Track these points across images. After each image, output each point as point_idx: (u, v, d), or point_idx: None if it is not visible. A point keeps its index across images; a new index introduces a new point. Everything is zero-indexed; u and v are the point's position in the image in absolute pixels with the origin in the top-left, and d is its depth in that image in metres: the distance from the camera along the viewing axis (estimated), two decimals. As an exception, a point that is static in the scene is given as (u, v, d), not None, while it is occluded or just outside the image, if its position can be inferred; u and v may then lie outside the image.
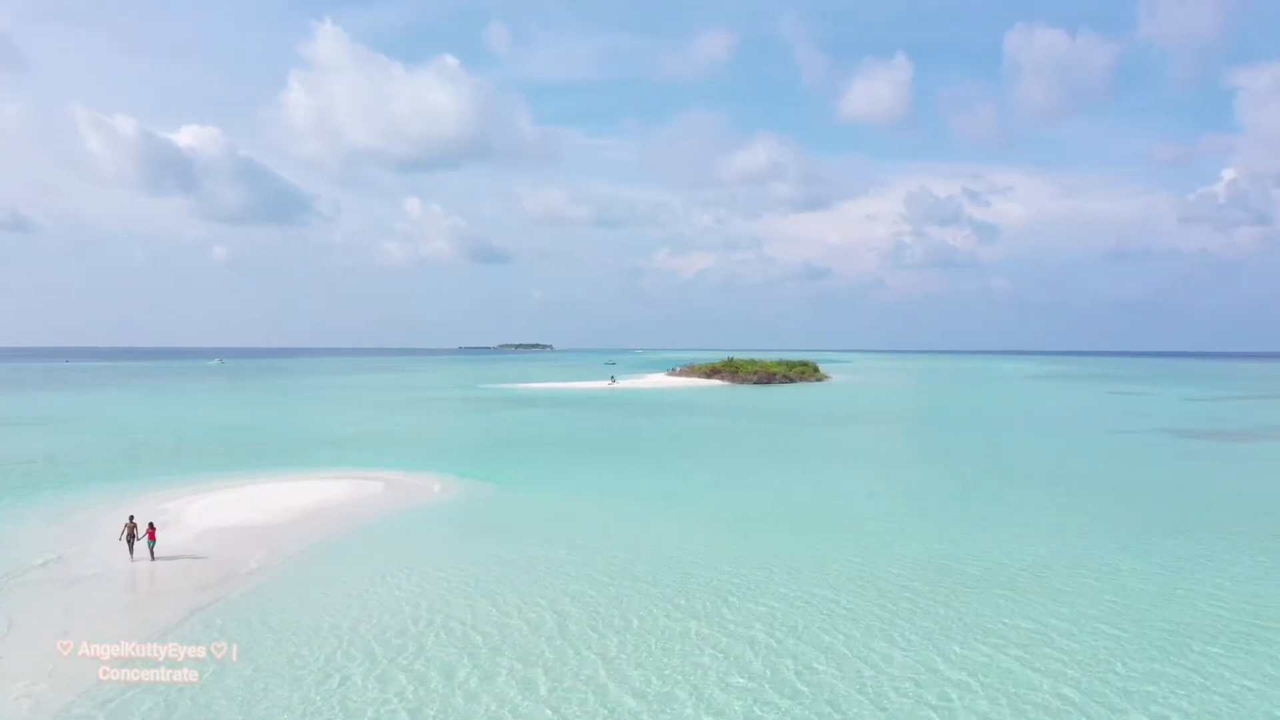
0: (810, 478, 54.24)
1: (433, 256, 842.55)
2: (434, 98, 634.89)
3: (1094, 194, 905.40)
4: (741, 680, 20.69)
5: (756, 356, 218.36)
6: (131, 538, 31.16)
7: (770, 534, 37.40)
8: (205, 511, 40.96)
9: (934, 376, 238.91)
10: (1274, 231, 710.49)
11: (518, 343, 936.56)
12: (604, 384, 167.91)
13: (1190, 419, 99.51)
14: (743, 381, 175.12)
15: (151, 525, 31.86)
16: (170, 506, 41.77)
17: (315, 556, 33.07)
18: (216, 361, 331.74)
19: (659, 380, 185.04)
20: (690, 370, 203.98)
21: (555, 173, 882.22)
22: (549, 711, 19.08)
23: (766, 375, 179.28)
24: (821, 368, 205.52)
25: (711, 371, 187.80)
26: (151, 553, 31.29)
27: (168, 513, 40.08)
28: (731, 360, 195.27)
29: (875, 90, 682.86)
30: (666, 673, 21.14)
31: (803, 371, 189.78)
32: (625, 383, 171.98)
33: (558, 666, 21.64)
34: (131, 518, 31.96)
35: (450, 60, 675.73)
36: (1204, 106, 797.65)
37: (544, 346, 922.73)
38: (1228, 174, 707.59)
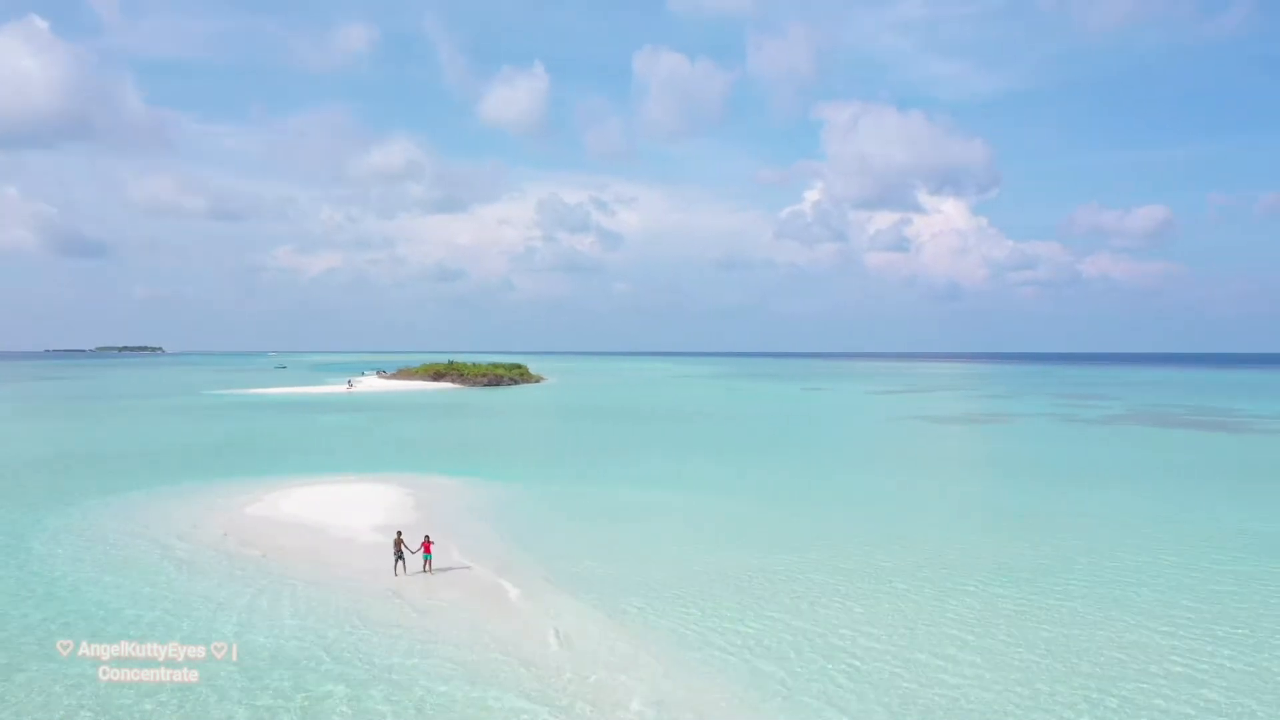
0: (772, 464, 64.73)
1: (10, 247, 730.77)
2: (17, 64, 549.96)
3: (705, 208, 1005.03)
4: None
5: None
6: (400, 553, 31.94)
7: (790, 507, 47.55)
8: (328, 509, 43.17)
9: (623, 377, 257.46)
10: (849, 248, 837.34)
11: (121, 345, 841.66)
12: (342, 388, 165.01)
13: (907, 408, 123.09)
14: (474, 384, 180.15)
15: (427, 539, 32.73)
16: (251, 512, 43.28)
17: (556, 543, 37.85)
18: None
19: (390, 384, 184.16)
20: (408, 373, 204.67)
21: (167, 159, 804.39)
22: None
23: (495, 378, 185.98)
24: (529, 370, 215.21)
25: (437, 374, 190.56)
26: (429, 566, 32.06)
27: (273, 509, 42.49)
28: (452, 363, 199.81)
29: (513, 98, 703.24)
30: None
31: (522, 373, 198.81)
32: (361, 387, 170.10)
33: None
34: (399, 533, 32.78)
35: (39, 22, 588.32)
36: (797, 135, 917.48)
37: (153, 349, 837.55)
38: (813, 196, 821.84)
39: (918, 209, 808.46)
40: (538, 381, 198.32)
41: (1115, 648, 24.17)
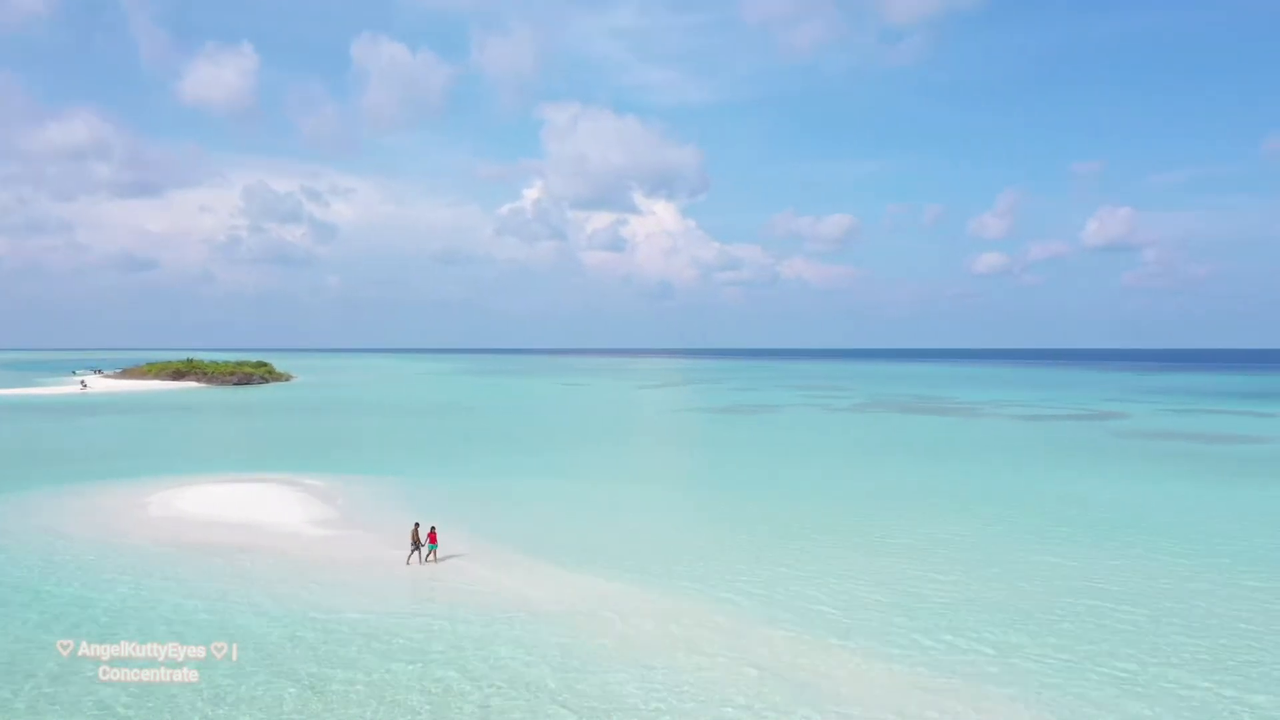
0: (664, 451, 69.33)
1: None
2: None
3: (424, 202, 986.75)
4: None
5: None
6: (417, 544, 32.92)
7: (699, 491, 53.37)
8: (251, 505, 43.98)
9: (371, 374, 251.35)
10: (568, 246, 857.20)
11: None
12: (75, 388, 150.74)
13: (681, 401, 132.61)
14: (221, 383, 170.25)
15: (433, 529, 33.40)
16: (156, 514, 42.91)
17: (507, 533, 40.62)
18: None
19: (127, 384, 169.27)
20: (136, 373, 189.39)
21: None
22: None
23: (244, 376, 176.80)
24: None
25: (177, 374, 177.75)
26: (434, 556, 32.98)
27: (170, 509, 42.55)
28: (191, 361, 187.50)
29: (218, 77, 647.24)
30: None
31: (269, 371, 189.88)
32: (96, 387, 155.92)
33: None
34: (417, 524, 33.53)
35: None
36: (518, 132, 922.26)
37: None
38: (532, 194, 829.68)
39: (633, 210, 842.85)
40: (287, 380, 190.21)
41: (971, 558, 31.83)
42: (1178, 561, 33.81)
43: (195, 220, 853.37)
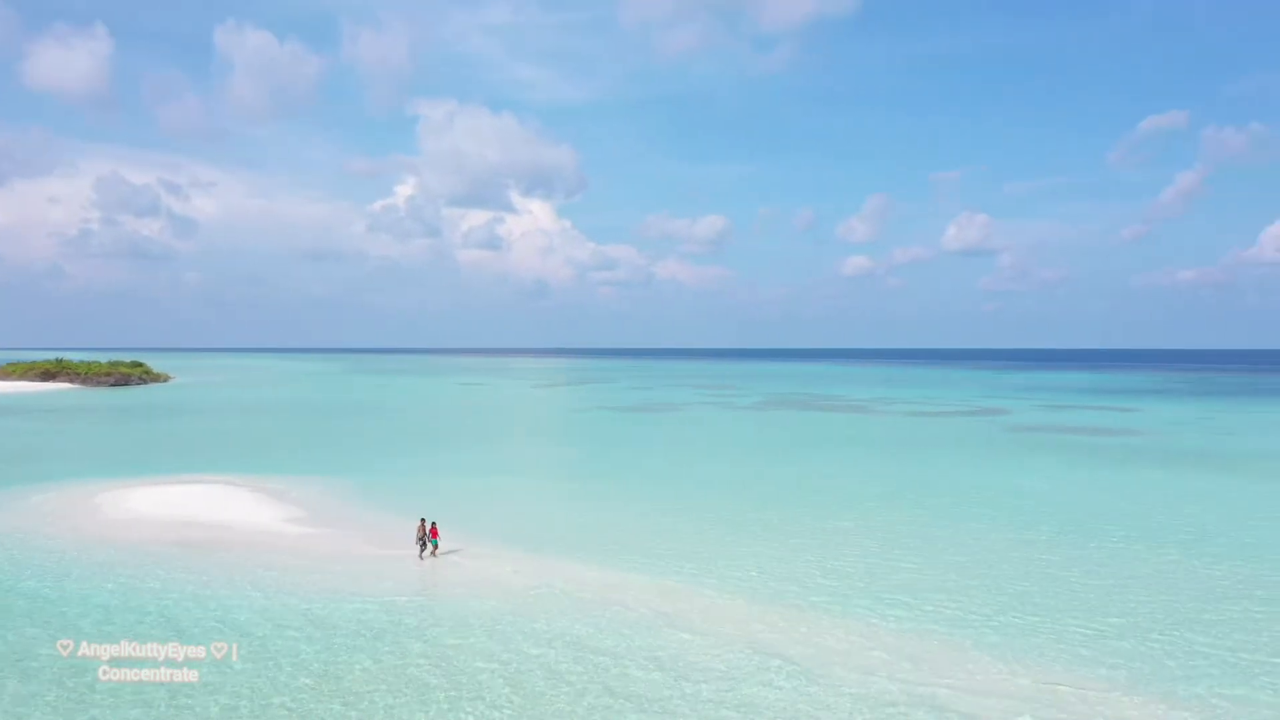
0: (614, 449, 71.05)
1: None
2: None
3: (292, 196, 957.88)
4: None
5: None
6: (423, 540, 33.92)
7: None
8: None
9: (255, 375, 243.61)
10: (441, 244, 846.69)
11: None
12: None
13: (582, 400, 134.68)
14: (97, 384, 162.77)
15: (434, 525, 34.48)
16: (109, 516, 43.20)
17: (494, 529, 42.31)
18: None
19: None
20: (4, 372, 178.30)
21: None
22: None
23: (122, 377, 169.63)
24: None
25: (46, 374, 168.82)
26: (434, 551, 33.91)
27: (121, 510, 43.04)
28: (61, 361, 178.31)
29: (68, 60, 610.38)
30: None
31: (146, 372, 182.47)
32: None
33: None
34: (422, 521, 34.60)
35: None
36: (391, 128, 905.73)
37: None
38: (406, 190, 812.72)
39: (509, 209, 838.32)
40: (166, 380, 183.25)
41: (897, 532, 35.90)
42: (1095, 536, 38.62)
43: (42, 212, 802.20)
